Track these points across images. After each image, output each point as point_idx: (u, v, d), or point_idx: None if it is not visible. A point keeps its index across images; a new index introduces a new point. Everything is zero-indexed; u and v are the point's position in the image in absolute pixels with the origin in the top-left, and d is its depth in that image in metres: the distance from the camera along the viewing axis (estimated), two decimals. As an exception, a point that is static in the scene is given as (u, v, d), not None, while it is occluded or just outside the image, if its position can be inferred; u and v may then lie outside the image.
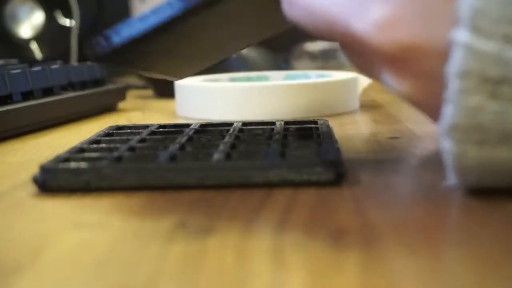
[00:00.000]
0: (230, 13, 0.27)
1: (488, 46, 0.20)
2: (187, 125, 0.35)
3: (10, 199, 0.26)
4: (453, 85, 0.21)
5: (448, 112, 0.21)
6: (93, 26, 1.14)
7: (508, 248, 0.18)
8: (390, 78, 0.23)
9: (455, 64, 0.21)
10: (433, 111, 0.24)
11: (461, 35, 0.20)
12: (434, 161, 0.30)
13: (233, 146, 0.29)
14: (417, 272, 0.17)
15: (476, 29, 0.20)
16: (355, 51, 0.25)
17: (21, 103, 0.43)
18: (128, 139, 0.32)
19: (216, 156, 0.27)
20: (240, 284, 0.16)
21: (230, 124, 0.35)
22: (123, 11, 1.09)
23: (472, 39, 0.20)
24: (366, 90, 0.58)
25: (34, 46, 0.87)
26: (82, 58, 0.87)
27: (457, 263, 0.17)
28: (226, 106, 0.46)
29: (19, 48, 0.85)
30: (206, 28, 0.28)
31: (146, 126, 0.36)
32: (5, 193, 0.27)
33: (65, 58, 0.86)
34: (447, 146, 0.22)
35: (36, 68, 0.47)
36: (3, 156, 0.36)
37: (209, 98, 0.47)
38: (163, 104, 0.59)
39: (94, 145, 0.31)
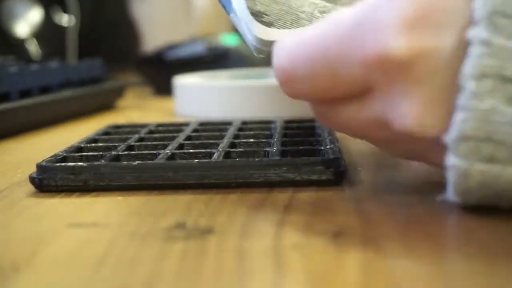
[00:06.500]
0: None
1: (508, 43, 0.18)
2: (186, 124, 0.35)
3: (7, 199, 0.25)
4: (468, 88, 0.18)
5: (458, 120, 0.19)
6: (92, 24, 1.14)
7: (509, 249, 0.18)
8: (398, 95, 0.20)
9: (471, 63, 0.18)
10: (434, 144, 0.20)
11: (478, 33, 0.18)
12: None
13: (232, 145, 0.29)
14: (417, 272, 0.16)
15: (494, 26, 0.18)
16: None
17: (18, 101, 0.43)
18: (127, 138, 0.32)
19: (215, 155, 0.26)
20: (239, 284, 0.16)
21: (229, 123, 0.35)
22: (121, 9, 1.09)
23: (490, 35, 0.18)
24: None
25: (32, 44, 0.86)
26: (81, 56, 0.87)
27: (458, 263, 0.17)
28: (225, 104, 0.46)
29: (16, 46, 0.85)
30: None
31: (144, 125, 0.36)
32: (1, 192, 0.26)
33: (63, 56, 0.86)
34: (451, 161, 0.19)
35: (34, 67, 0.47)
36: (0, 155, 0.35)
37: (208, 96, 0.46)
38: (161, 102, 0.59)
39: (92, 144, 0.30)
